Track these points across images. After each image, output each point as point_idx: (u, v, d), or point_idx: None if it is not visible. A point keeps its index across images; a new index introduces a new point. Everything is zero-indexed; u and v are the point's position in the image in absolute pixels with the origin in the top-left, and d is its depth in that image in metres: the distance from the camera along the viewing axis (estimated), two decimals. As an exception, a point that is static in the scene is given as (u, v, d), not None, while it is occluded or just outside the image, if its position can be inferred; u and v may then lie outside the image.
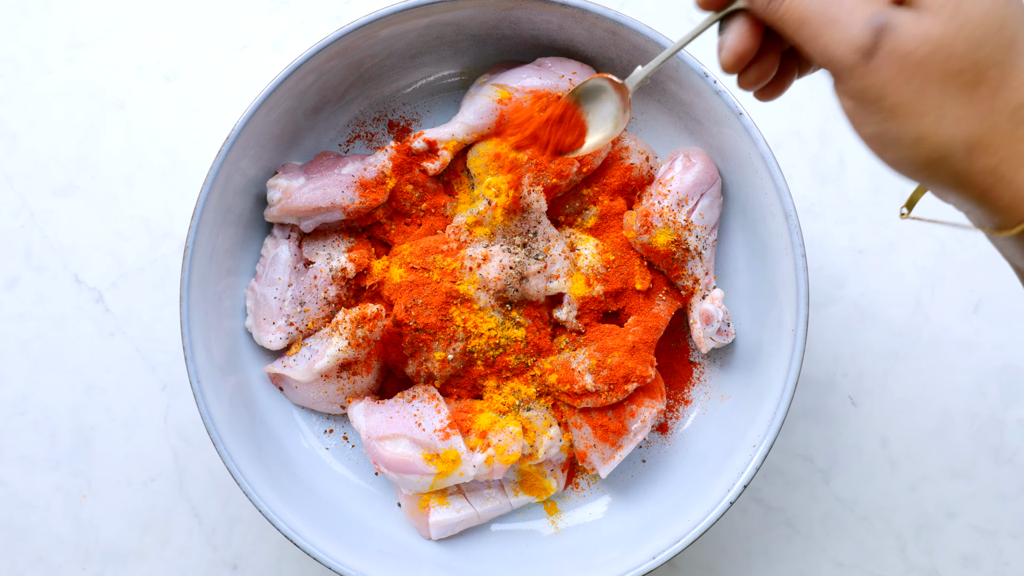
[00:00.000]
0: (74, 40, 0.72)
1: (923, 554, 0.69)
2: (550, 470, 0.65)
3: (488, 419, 0.62)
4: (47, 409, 0.70)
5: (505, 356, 0.63)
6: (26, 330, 0.70)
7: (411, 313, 0.62)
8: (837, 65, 0.37)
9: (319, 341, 0.64)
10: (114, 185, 0.71)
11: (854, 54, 0.36)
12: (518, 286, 0.63)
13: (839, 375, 0.70)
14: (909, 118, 0.36)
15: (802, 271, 0.59)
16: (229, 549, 0.69)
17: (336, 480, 0.66)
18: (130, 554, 0.69)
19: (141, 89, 0.72)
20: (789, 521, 0.70)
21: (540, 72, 0.64)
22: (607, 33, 0.62)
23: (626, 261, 0.65)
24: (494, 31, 0.65)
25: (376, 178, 0.65)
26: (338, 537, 0.62)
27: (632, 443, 0.62)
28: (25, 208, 0.71)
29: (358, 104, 0.67)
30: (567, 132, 0.53)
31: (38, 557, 0.69)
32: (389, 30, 0.62)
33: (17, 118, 0.72)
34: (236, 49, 0.72)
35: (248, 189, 0.64)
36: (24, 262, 0.71)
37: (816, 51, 0.37)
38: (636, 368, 0.61)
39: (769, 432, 0.59)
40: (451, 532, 0.64)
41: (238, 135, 0.60)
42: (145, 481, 0.69)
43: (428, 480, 0.61)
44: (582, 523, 0.66)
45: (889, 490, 0.70)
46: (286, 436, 0.66)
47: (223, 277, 0.64)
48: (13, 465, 0.69)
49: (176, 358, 0.70)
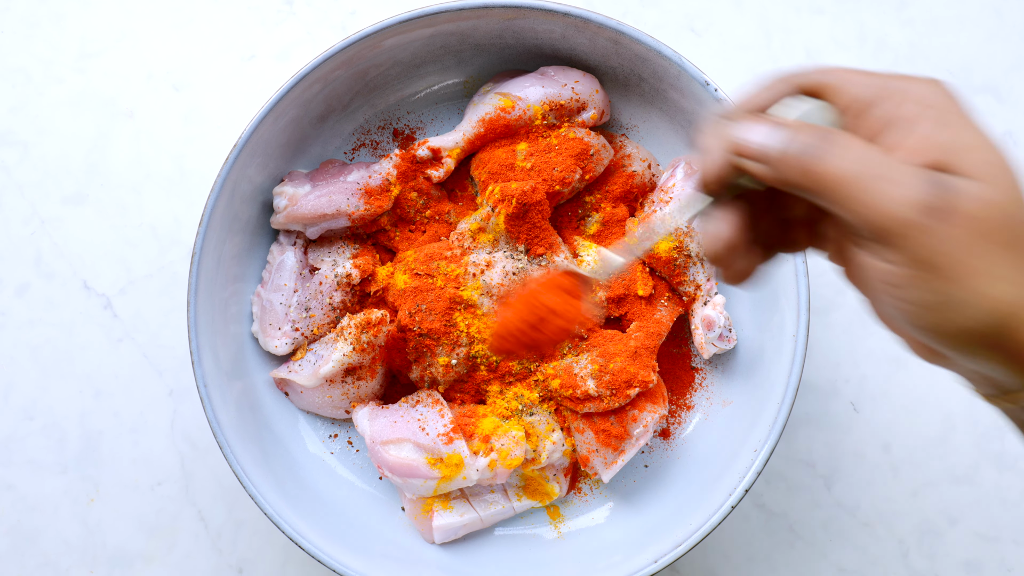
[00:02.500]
0: (84, 51, 0.73)
1: (925, 560, 0.70)
2: (553, 475, 0.65)
3: (491, 424, 0.63)
4: (55, 414, 0.70)
5: (508, 361, 0.64)
6: (35, 336, 0.71)
7: (415, 318, 0.63)
8: (891, 225, 0.34)
9: (324, 346, 0.64)
10: (123, 193, 0.72)
11: (915, 211, 0.34)
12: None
13: (841, 381, 0.71)
14: (971, 280, 0.34)
15: (803, 277, 0.59)
16: (235, 553, 0.69)
17: (341, 484, 0.66)
18: (137, 557, 0.69)
19: (150, 99, 0.73)
20: (791, 527, 0.70)
21: (543, 81, 0.65)
22: (609, 43, 0.63)
23: (628, 267, 0.65)
24: (497, 40, 0.66)
25: (381, 185, 0.65)
26: (342, 541, 0.62)
27: (634, 448, 0.63)
28: (35, 216, 0.72)
29: (363, 113, 0.68)
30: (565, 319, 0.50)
31: (46, 561, 0.69)
32: (394, 40, 0.63)
33: (28, 127, 0.73)
34: (243, 59, 0.73)
35: (255, 196, 0.65)
36: (34, 269, 0.72)
37: (865, 210, 0.35)
38: (638, 373, 0.62)
39: (770, 437, 0.59)
40: (454, 536, 0.64)
41: (245, 143, 0.61)
42: (152, 485, 0.70)
43: (432, 484, 0.62)
44: (585, 528, 0.66)
45: (891, 496, 0.70)
46: (291, 440, 0.66)
47: (230, 283, 0.65)
48: (22, 469, 0.70)
49: (183, 364, 0.71)
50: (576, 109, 0.65)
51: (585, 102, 0.65)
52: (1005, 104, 0.73)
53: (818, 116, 0.39)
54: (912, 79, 0.37)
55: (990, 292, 0.35)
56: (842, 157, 0.36)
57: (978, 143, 0.36)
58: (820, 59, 0.73)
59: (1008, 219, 0.35)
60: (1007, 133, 0.73)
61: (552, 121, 0.65)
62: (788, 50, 0.73)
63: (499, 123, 0.65)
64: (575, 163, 0.64)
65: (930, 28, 0.74)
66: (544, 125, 0.65)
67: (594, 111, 0.65)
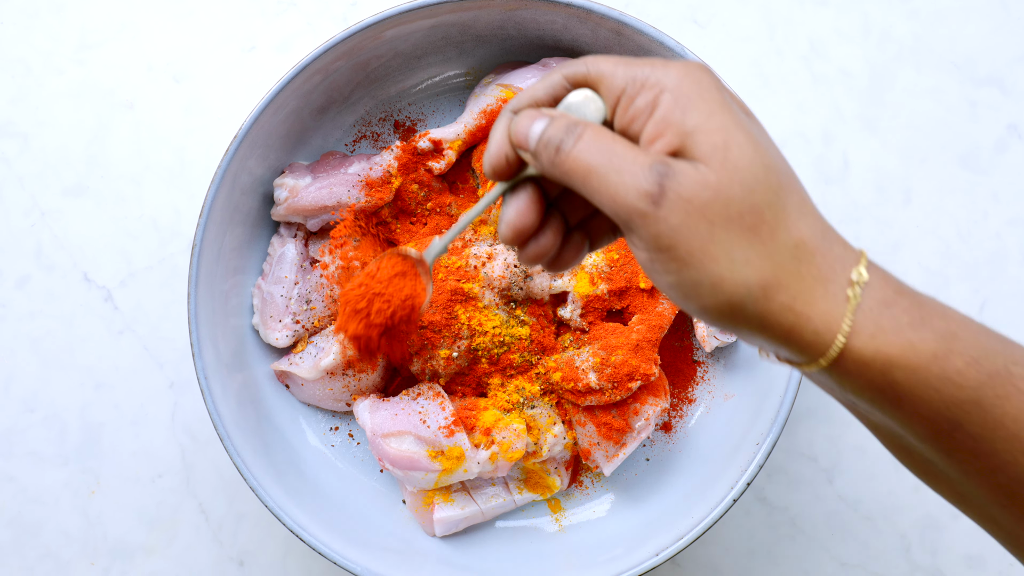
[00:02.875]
0: (84, 42, 0.73)
1: (927, 554, 0.69)
2: (554, 468, 0.65)
3: (492, 416, 0.63)
4: (56, 406, 0.70)
5: (510, 354, 0.64)
6: (36, 328, 0.71)
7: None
8: (627, 213, 0.36)
9: (325, 339, 0.64)
10: (123, 185, 0.72)
11: (642, 200, 0.36)
12: (523, 284, 0.64)
13: (843, 374, 0.70)
14: (703, 264, 0.35)
15: (805, 270, 0.59)
16: (235, 545, 0.69)
17: (341, 477, 0.66)
18: (137, 550, 0.69)
19: (150, 90, 0.73)
20: (793, 520, 0.70)
21: (544, 72, 0.65)
22: (611, 33, 0.63)
23: (630, 260, 0.65)
24: (499, 32, 0.65)
25: (382, 177, 0.65)
26: (343, 533, 0.62)
27: (636, 441, 0.62)
28: (36, 208, 0.72)
29: (364, 104, 0.68)
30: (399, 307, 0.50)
31: (47, 552, 0.69)
32: (395, 31, 0.63)
33: (28, 119, 0.72)
34: (244, 50, 0.73)
35: (255, 188, 0.65)
36: (34, 261, 0.71)
37: (605, 201, 0.37)
38: (640, 366, 0.62)
39: (772, 430, 0.59)
40: (455, 529, 0.64)
41: (245, 135, 0.61)
42: (153, 477, 0.70)
43: (433, 477, 0.62)
44: (586, 520, 0.66)
45: (893, 490, 0.70)
46: (292, 433, 0.66)
47: (230, 275, 0.65)
48: (23, 461, 0.70)
49: (183, 356, 0.71)
50: (578, 101, 0.65)
51: (587, 94, 0.65)
52: (1010, 96, 0.73)
53: (587, 107, 0.40)
54: (668, 65, 0.38)
55: (726, 275, 0.35)
56: (584, 149, 0.37)
57: (710, 126, 0.36)
58: (824, 51, 0.73)
59: (726, 199, 0.35)
60: (1011, 126, 0.72)
61: (554, 113, 0.65)
62: (791, 42, 0.73)
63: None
64: (577, 155, 0.64)
65: (935, 20, 0.73)
66: (546, 117, 0.65)
67: (596, 103, 0.65)
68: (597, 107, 0.40)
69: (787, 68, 0.73)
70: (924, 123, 0.72)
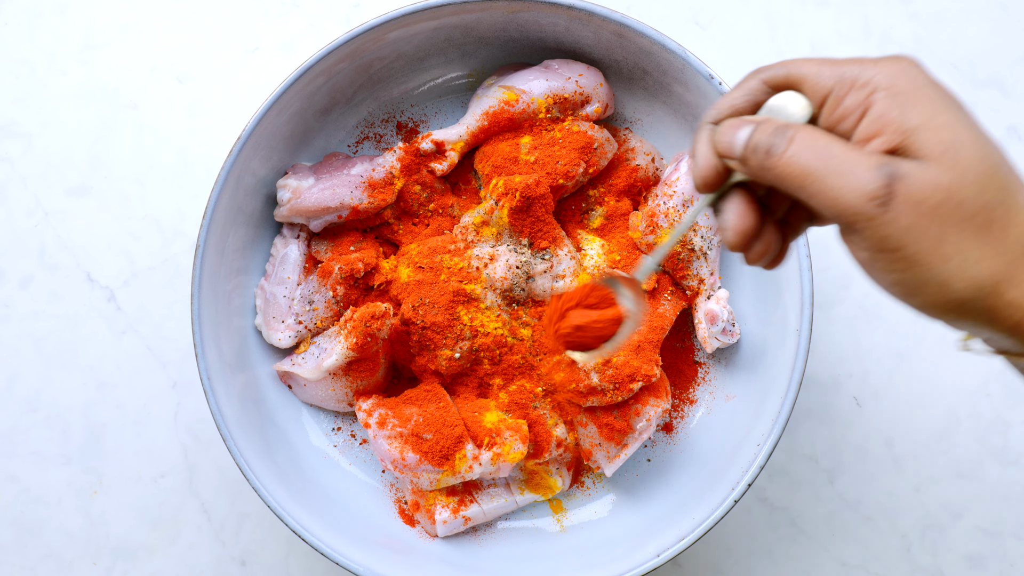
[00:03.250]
0: (88, 43, 0.73)
1: (928, 555, 0.70)
2: (556, 469, 0.65)
3: (494, 417, 0.63)
4: (59, 406, 0.71)
5: (511, 355, 0.64)
6: (39, 328, 0.71)
7: (418, 312, 0.63)
8: (850, 215, 0.36)
9: (328, 339, 0.64)
10: (126, 185, 0.72)
11: (868, 202, 0.35)
12: (524, 285, 0.64)
13: (844, 376, 0.71)
14: (933, 264, 0.35)
15: (807, 271, 0.59)
16: (238, 545, 0.70)
17: (344, 477, 0.66)
18: (140, 549, 0.70)
19: (153, 91, 0.73)
20: (794, 521, 0.70)
21: (547, 74, 0.65)
22: (613, 36, 0.63)
23: (631, 261, 0.65)
24: (501, 33, 0.66)
25: (384, 179, 0.65)
26: (346, 534, 0.62)
27: (637, 442, 0.63)
28: (39, 208, 0.72)
29: (367, 106, 0.68)
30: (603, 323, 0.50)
31: (49, 552, 0.70)
32: (398, 32, 0.63)
33: (32, 119, 0.73)
34: (247, 52, 0.73)
35: (258, 189, 0.65)
36: (38, 261, 0.72)
37: (825, 203, 0.36)
38: (641, 367, 0.62)
39: (773, 431, 0.59)
40: (457, 529, 0.64)
41: (249, 136, 0.61)
42: (155, 477, 0.70)
43: (435, 478, 0.62)
44: (587, 521, 0.66)
45: (894, 490, 0.70)
46: (295, 433, 0.66)
47: (233, 276, 0.65)
48: (25, 461, 0.70)
49: (186, 356, 0.71)
50: (580, 102, 0.65)
51: (589, 95, 0.65)
52: (1010, 98, 0.73)
53: (791, 108, 0.39)
54: (877, 62, 0.38)
55: (957, 274, 0.36)
56: (798, 152, 0.37)
57: (935, 123, 0.36)
58: (825, 52, 0.73)
59: (959, 199, 0.35)
60: (1011, 128, 0.73)
61: (556, 114, 0.65)
62: (792, 43, 0.73)
63: (503, 116, 0.65)
64: (579, 157, 0.64)
65: (935, 21, 0.73)
66: (548, 118, 0.65)
67: (598, 105, 0.65)
68: (802, 108, 0.39)
69: (788, 70, 0.73)
70: (925, 125, 0.72)
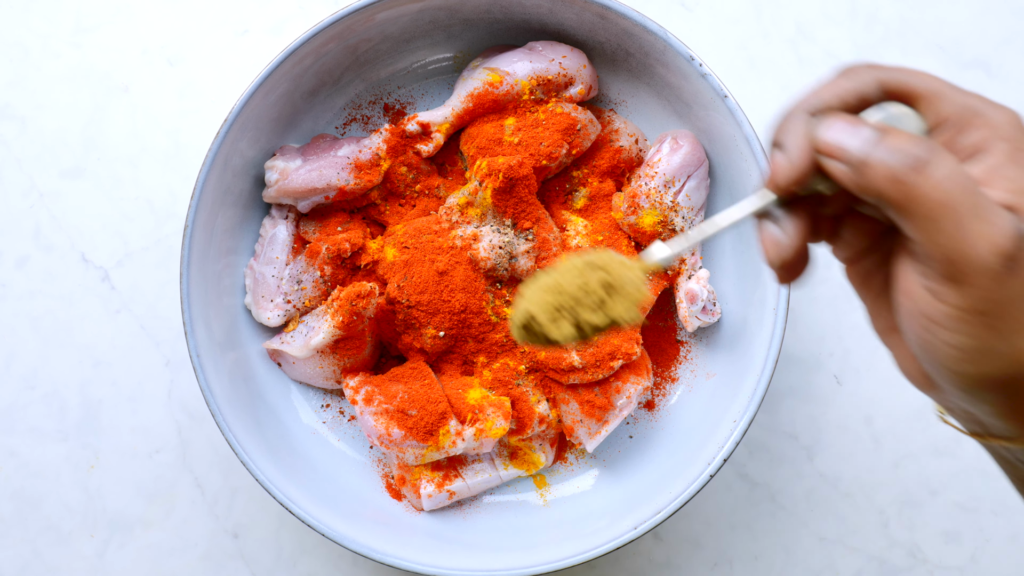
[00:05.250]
0: (80, 26, 0.74)
1: (905, 530, 0.71)
2: (539, 445, 0.67)
3: (478, 394, 0.64)
4: (56, 383, 0.72)
5: (495, 333, 0.65)
6: (35, 307, 0.73)
7: (404, 291, 0.64)
8: (970, 265, 0.32)
9: (316, 318, 0.66)
10: (119, 167, 0.73)
11: (998, 258, 0.31)
12: (508, 265, 0.65)
13: (825, 354, 0.72)
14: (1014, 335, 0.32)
15: (784, 251, 0.60)
16: (230, 518, 0.71)
17: (332, 453, 0.68)
18: (136, 522, 0.71)
19: (145, 73, 0.74)
20: (773, 497, 0.71)
21: (531, 56, 0.66)
22: (596, 17, 0.64)
23: (614, 241, 0.66)
24: (486, 15, 0.66)
25: (371, 160, 0.66)
26: (335, 507, 0.64)
27: (618, 418, 0.64)
28: (34, 189, 0.73)
29: (354, 87, 0.69)
30: None
31: (48, 525, 0.71)
32: (384, 14, 0.64)
33: (26, 102, 0.74)
34: (237, 34, 0.74)
35: (247, 170, 0.66)
36: (33, 241, 0.73)
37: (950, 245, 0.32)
38: (621, 345, 0.63)
39: (749, 408, 0.60)
40: (442, 503, 0.66)
41: (236, 117, 0.62)
42: (150, 453, 0.72)
43: (420, 453, 0.63)
44: (570, 495, 0.68)
45: (872, 467, 0.71)
46: (284, 410, 0.68)
47: (223, 256, 0.66)
48: (24, 437, 0.72)
49: (179, 335, 0.72)
50: (564, 84, 0.66)
51: (573, 77, 0.66)
52: (995, 79, 0.73)
53: (906, 125, 0.35)
54: (995, 106, 0.35)
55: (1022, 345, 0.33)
56: (944, 177, 0.32)
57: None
58: (811, 34, 0.73)
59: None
60: (996, 108, 0.73)
61: (540, 96, 0.65)
62: (778, 25, 0.73)
63: (487, 98, 0.66)
64: (562, 138, 0.65)
65: (921, 2, 0.73)
66: (532, 100, 0.66)
67: (582, 86, 0.66)
68: (919, 128, 0.35)
69: (774, 51, 0.73)
70: (909, 106, 0.72)
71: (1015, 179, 0.33)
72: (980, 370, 0.34)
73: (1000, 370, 0.33)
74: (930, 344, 0.34)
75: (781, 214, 0.36)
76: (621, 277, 0.38)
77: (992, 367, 0.33)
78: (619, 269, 0.38)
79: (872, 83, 0.36)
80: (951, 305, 0.33)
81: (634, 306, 0.38)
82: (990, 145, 0.34)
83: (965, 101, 0.35)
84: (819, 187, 0.35)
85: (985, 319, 0.33)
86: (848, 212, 0.38)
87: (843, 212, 0.38)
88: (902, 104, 0.35)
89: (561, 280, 0.38)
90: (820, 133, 0.34)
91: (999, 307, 0.32)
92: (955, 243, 0.32)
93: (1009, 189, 0.33)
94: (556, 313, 0.38)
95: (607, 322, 0.38)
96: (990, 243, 0.32)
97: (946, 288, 0.33)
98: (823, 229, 0.39)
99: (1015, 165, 0.33)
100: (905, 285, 0.34)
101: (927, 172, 0.32)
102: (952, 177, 0.32)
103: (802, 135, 0.35)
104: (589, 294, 0.38)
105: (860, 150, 0.33)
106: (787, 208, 0.36)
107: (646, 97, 0.68)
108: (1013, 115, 0.35)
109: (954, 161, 0.33)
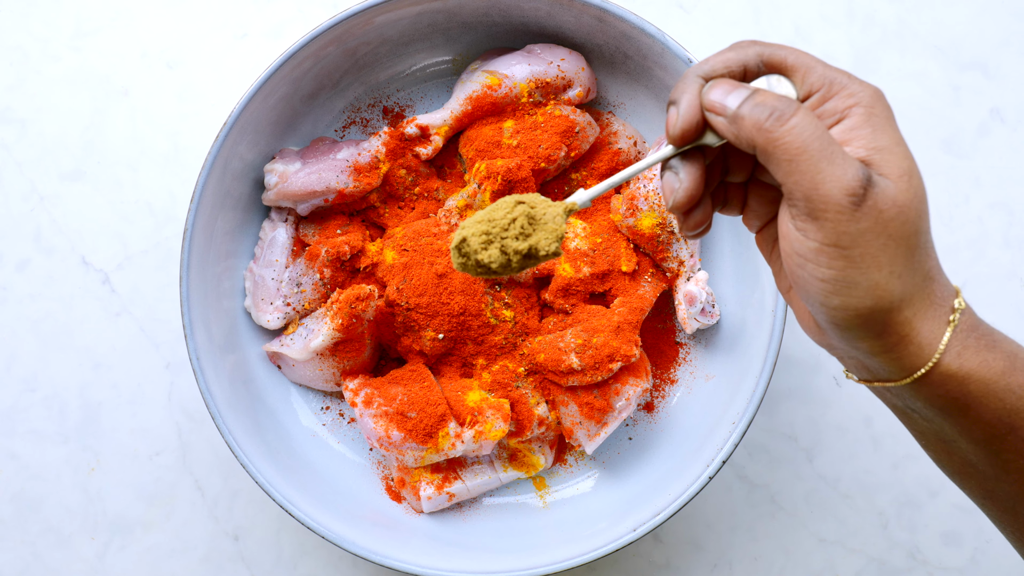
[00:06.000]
0: (80, 29, 0.74)
1: (905, 531, 0.71)
2: (538, 447, 0.67)
3: (477, 396, 0.64)
4: (56, 386, 0.72)
5: (494, 336, 0.65)
6: (36, 310, 0.73)
7: (403, 294, 0.64)
8: (825, 203, 0.38)
9: (315, 321, 0.66)
10: (119, 170, 0.74)
11: (846, 196, 0.38)
12: (506, 268, 0.65)
13: (824, 356, 0.72)
14: (869, 269, 0.39)
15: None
16: (231, 520, 0.72)
17: (332, 455, 0.68)
18: (136, 524, 0.71)
19: (144, 77, 0.74)
20: (773, 498, 0.71)
21: (529, 59, 0.66)
22: (594, 20, 0.64)
23: (613, 244, 0.66)
24: (484, 18, 0.66)
25: (370, 163, 0.66)
26: (334, 510, 0.64)
27: (617, 420, 0.64)
28: (34, 193, 0.73)
29: (353, 90, 0.69)
30: None
31: (49, 527, 0.72)
32: (383, 17, 0.64)
33: (26, 105, 0.74)
34: (236, 37, 0.74)
35: (246, 173, 0.66)
36: (34, 245, 0.73)
37: (805, 184, 0.38)
38: (621, 348, 0.63)
39: (748, 410, 0.60)
40: (442, 505, 0.66)
41: (235, 121, 0.62)
42: (150, 455, 0.72)
43: (419, 455, 0.64)
44: (570, 497, 0.68)
45: (872, 468, 0.71)
46: (284, 413, 0.68)
47: (222, 259, 0.66)
48: (24, 439, 0.72)
49: (179, 337, 0.72)
50: (562, 87, 0.66)
51: (571, 80, 0.66)
52: (993, 80, 0.73)
53: (780, 91, 0.42)
54: (858, 81, 0.41)
55: (883, 282, 0.39)
56: (802, 127, 0.39)
57: (898, 150, 0.40)
58: (809, 35, 0.74)
59: (908, 220, 0.39)
60: (993, 110, 0.73)
61: (538, 99, 0.66)
62: (776, 26, 0.74)
63: (486, 101, 0.66)
64: (561, 140, 0.65)
65: (919, 3, 0.74)
66: (530, 103, 0.66)
67: (580, 89, 0.66)
68: (791, 94, 0.41)
69: (772, 53, 0.73)
70: (907, 107, 0.73)
71: (869, 137, 0.40)
72: (845, 302, 0.39)
73: (862, 302, 0.39)
74: (803, 280, 0.40)
75: (679, 164, 0.43)
76: (544, 213, 0.44)
77: (855, 299, 0.39)
78: (542, 206, 0.44)
79: (754, 56, 0.42)
80: (814, 239, 0.39)
81: (553, 237, 0.44)
82: (850, 111, 0.40)
83: (831, 74, 0.41)
84: (707, 139, 0.42)
85: (842, 251, 0.39)
86: (753, 182, 0.45)
87: (749, 180, 0.46)
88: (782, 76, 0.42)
89: (494, 213, 0.44)
90: (705, 93, 0.42)
91: (852, 240, 0.38)
92: (811, 181, 0.38)
93: (864, 146, 0.40)
94: (487, 238, 0.44)
95: (527, 248, 0.44)
96: (839, 183, 0.38)
97: (808, 224, 0.39)
98: (734, 199, 0.46)
99: (870, 127, 0.40)
100: (783, 229, 0.41)
101: (787, 122, 0.39)
102: (807, 126, 0.39)
103: (693, 94, 0.42)
104: (515, 224, 0.44)
105: (735, 106, 0.40)
106: (684, 159, 0.43)
107: (644, 99, 0.68)
108: (874, 89, 0.41)
109: (810, 114, 0.39)
